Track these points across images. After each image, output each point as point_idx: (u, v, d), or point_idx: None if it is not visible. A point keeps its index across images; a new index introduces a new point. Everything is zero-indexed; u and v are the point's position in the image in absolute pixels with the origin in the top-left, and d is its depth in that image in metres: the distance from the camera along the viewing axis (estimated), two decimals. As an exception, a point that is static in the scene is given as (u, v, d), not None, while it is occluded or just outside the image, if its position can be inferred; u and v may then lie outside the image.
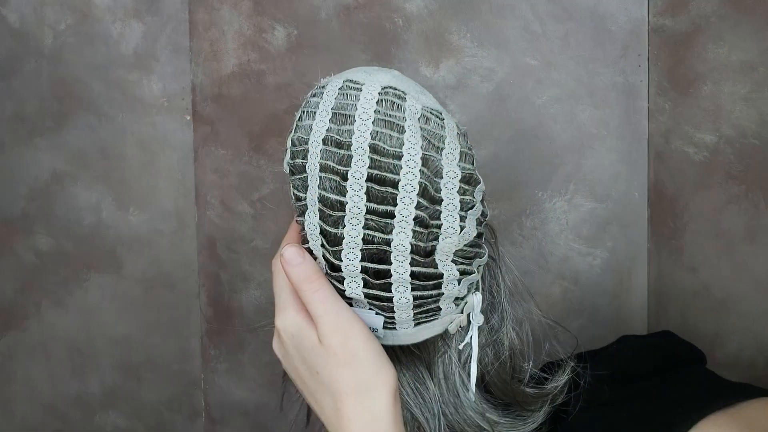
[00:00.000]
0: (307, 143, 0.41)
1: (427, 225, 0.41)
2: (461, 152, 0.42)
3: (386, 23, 0.89)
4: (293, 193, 0.43)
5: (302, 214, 0.43)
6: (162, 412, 0.99)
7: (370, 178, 0.40)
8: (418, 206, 0.40)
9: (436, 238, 0.41)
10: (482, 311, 0.46)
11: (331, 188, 0.40)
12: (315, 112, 0.42)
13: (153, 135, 0.94)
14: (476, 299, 0.45)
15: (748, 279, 0.86)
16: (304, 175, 0.42)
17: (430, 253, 0.42)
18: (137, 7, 0.93)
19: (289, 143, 0.43)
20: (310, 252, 0.43)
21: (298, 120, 0.43)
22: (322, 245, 0.42)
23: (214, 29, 0.92)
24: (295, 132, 0.42)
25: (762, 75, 0.83)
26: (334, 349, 0.41)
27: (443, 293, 0.43)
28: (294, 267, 0.42)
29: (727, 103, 0.84)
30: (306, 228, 0.42)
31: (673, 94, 0.86)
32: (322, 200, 0.41)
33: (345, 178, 0.40)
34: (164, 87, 0.93)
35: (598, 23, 0.86)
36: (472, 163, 0.43)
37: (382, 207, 0.40)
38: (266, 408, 0.97)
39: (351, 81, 0.43)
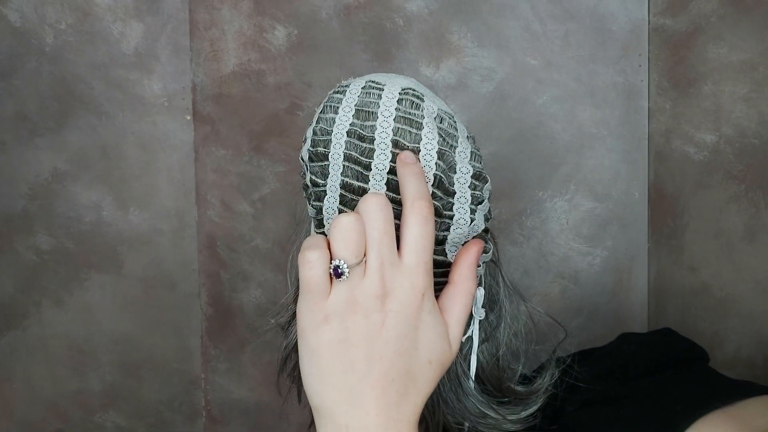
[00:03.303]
0: (329, 134, 0.44)
1: (440, 215, 0.43)
2: (471, 152, 0.45)
3: (387, 23, 0.89)
4: (311, 179, 0.45)
5: (319, 199, 0.45)
6: (162, 411, 0.99)
7: (390, 171, 0.43)
8: (433, 196, 0.43)
9: (448, 229, 0.44)
10: (482, 306, 0.47)
11: (354, 176, 0.43)
12: (338, 107, 0.44)
13: (153, 134, 0.94)
14: (479, 293, 0.47)
15: (748, 278, 0.86)
16: (326, 162, 0.44)
17: (441, 242, 0.44)
18: (138, 7, 0.93)
19: (309, 133, 0.45)
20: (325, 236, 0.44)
21: (321, 113, 0.45)
22: None
23: (214, 29, 0.92)
24: (317, 123, 0.45)
25: (762, 75, 0.83)
26: (450, 356, 0.40)
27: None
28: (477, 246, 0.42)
29: (727, 103, 0.84)
30: (324, 212, 0.45)
31: (673, 94, 0.86)
32: (344, 186, 0.43)
33: (368, 168, 0.43)
34: (165, 86, 0.94)
35: (599, 23, 0.86)
36: (481, 163, 0.46)
37: (399, 196, 0.42)
38: (267, 407, 0.98)
39: (373, 82, 0.45)
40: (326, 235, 0.44)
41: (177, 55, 0.93)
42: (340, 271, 0.38)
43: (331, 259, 0.39)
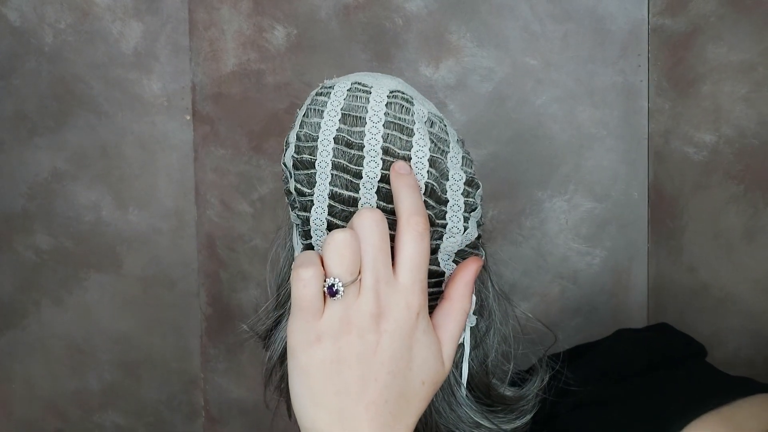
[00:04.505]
0: (315, 140, 0.42)
1: (432, 223, 0.42)
2: (463, 157, 0.44)
3: (386, 23, 0.89)
4: (296, 187, 0.43)
5: (305, 209, 0.43)
6: (161, 410, 0.99)
7: (382, 179, 0.41)
8: (426, 205, 0.41)
9: (441, 237, 0.43)
10: (473, 313, 0.46)
11: (343, 185, 0.41)
12: (323, 111, 0.43)
13: (153, 134, 0.94)
14: (471, 300, 0.45)
15: (747, 279, 0.86)
16: (312, 171, 0.42)
17: (434, 251, 0.43)
18: (137, 6, 0.93)
19: (293, 138, 0.43)
20: (311, 248, 0.43)
21: (304, 116, 0.43)
22: None
23: (213, 29, 0.92)
24: (301, 128, 0.43)
25: (761, 75, 0.83)
26: (444, 375, 0.40)
27: (442, 291, 0.44)
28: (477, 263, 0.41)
29: (726, 103, 0.84)
30: (311, 223, 0.43)
31: (672, 94, 0.86)
32: (333, 196, 0.42)
33: (358, 177, 0.41)
34: (164, 86, 0.94)
35: (598, 23, 0.86)
36: (472, 168, 0.44)
37: (391, 206, 0.41)
38: (265, 407, 0.98)
39: (359, 83, 0.43)
40: (314, 248, 0.43)
41: (176, 54, 0.93)
42: (335, 289, 0.37)
43: (324, 277, 0.38)
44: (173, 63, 0.93)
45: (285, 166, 0.44)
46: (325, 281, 0.37)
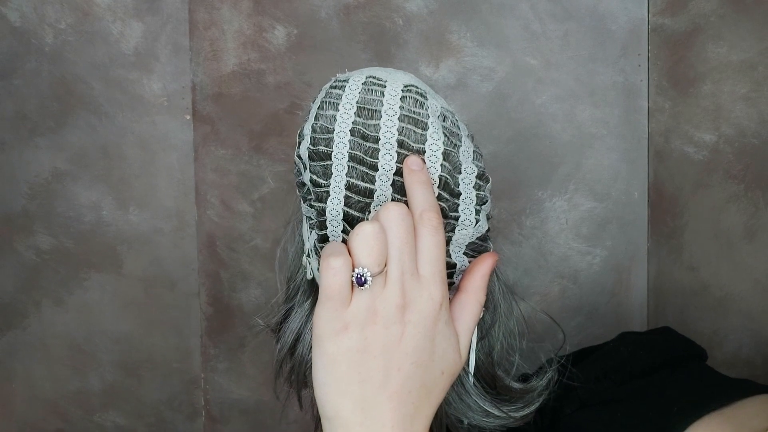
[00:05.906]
0: (331, 132, 0.43)
1: (445, 216, 0.43)
2: (474, 151, 0.45)
3: (386, 23, 0.89)
4: (311, 178, 0.44)
5: (321, 200, 0.44)
6: (162, 410, 0.99)
7: (396, 172, 0.42)
8: (439, 198, 0.43)
9: (453, 230, 0.44)
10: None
11: (359, 177, 0.43)
12: (338, 104, 0.43)
13: (153, 134, 0.94)
14: None
15: (748, 278, 0.86)
16: (328, 162, 0.43)
17: (446, 243, 0.44)
18: (137, 6, 0.93)
19: (308, 130, 0.44)
20: (325, 239, 0.44)
21: (319, 109, 0.44)
22: (344, 230, 0.44)
23: (214, 28, 0.92)
24: (317, 120, 0.44)
25: (762, 74, 0.83)
26: (460, 366, 0.41)
27: (454, 282, 0.45)
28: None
29: (726, 103, 0.84)
30: (327, 214, 0.44)
31: (672, 94, 0.86)
32: (350, 187, 0.43)
33: (374, 169, 0.42)
34: (164, 86, 0.94)
35: (598, 23, 0.86)
36: (482, 162, 0.46)
37: (405, 198, 0.42)
38: (266, 407, 0.98)
39: (374, 77, 0.44)
40: (329, 238, 0.43)
41: (177, 54, 0.93)
42: (363, 279, 0.38)
43: (353, 267, 0.39)
44: (173, 63, 0.93)
45: (299, 158, 0.45)
46: (353, 271, 0.38)
